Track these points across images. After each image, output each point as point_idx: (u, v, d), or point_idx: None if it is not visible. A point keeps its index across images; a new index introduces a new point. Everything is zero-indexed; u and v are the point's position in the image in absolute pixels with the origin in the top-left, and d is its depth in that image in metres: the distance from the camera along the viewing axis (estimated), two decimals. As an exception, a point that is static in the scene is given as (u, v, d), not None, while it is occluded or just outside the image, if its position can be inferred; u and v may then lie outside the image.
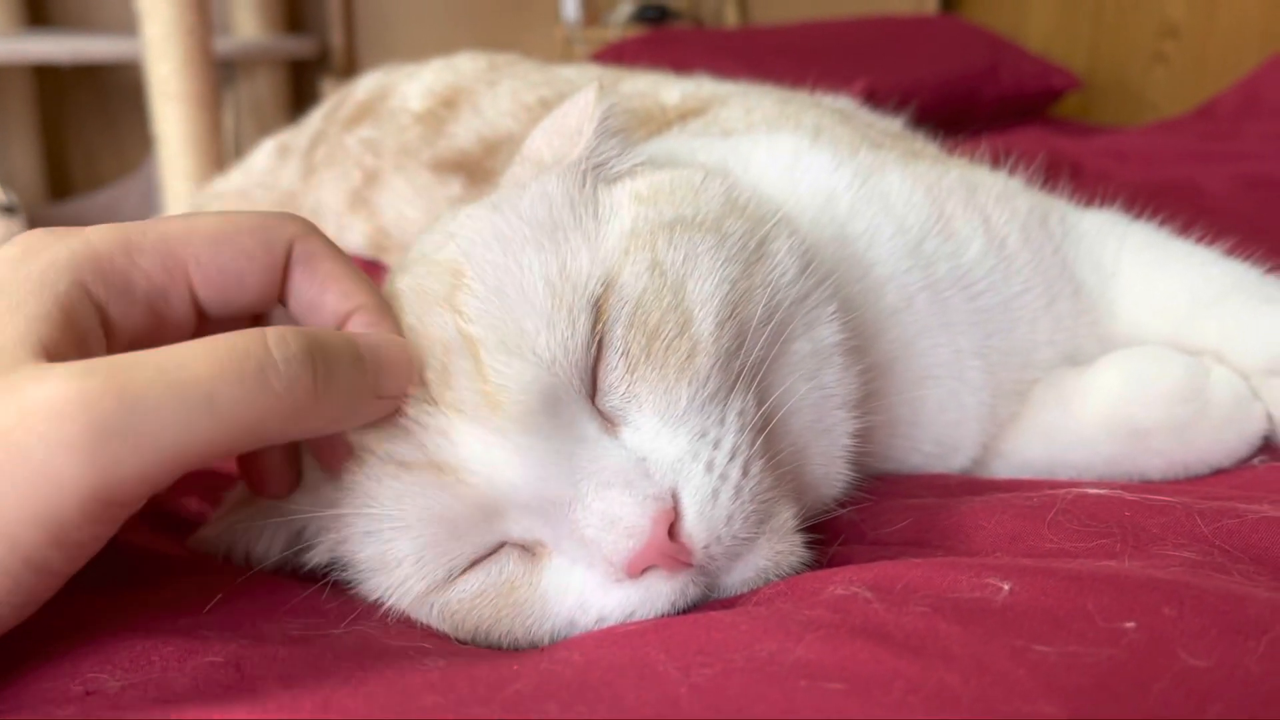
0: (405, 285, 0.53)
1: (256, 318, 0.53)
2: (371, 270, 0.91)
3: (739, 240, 0.54)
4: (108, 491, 0.37)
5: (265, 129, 2.07)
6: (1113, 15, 2.81)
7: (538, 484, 0.46)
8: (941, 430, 0.66)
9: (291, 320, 0.52)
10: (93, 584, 0.49)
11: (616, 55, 2.36)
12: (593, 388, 0.49)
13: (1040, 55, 2.57)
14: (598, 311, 0.49)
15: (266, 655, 0.43)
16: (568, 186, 0.54)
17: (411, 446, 0.48)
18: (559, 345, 0.48)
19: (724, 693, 0.38)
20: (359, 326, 0.49)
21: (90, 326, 0.44)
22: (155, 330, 0.48)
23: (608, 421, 0.49)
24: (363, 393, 0.46)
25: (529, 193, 0.54)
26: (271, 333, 0.42)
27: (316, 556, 0.53)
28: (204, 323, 0.49)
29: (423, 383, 0.48)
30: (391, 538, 0.49)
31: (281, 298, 0.50)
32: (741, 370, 0.51)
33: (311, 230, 0.50)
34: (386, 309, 0.51)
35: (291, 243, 0.49)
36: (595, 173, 0.56)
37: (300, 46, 3.08)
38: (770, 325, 0.52)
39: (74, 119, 3.02)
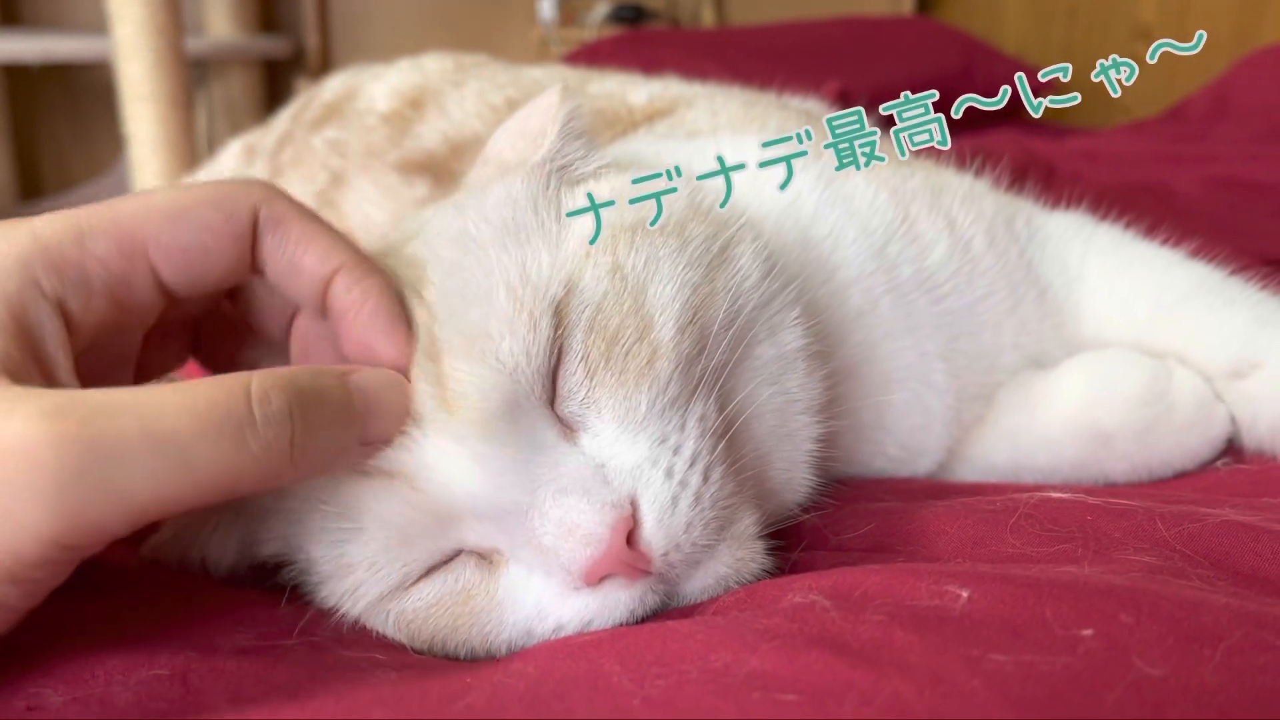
0: None
1: (230, 291, 0.52)
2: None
3: (701, 244, 0.53)
4: (69, 538, 0.36)
5: (239, 129, 2.05)
6: (1086, 17, 2.83)
7: (494, 492, 0.46)
8: (906, 434, 0.66)
9: (268, 290, 0.51)
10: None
11: (591, 55, 2.36)
12: (552, 393, 0.48)
13: (1014, 57, 2.59)
14: (558, 316, 0.49)
15: (214, 668, 0.42)
16: (531, 188, 0.53)
17: None
18: (521, 351, 0.47)
19: (677, 705, 0.37)
20: (342, 288, 0.48)
21: (47, 326, 0.42)
22: (120, 318, 0.46)
23: (567, 427, 0.48)
24: (345, 445, 0.44)
25: (493, 194, 0.53)
26: (256, 386, 0.40)
27: (270, 547, 0.52)
28: (171, 303, 0.48)
29: None
30: (345, 539, 0.48)
31: (255, 267, 0.49)
32: (703, 375, 0.50)
33: (275, 193, 0.48)
34: (369, 264, 0.49)
35: (255, 209, 0.47)
36: (559, 175, 0.56)
37: (274, 46, 3.06)
38: (732, 330, 0.52)
39: (44, 119, 2.99)
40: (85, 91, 2.93)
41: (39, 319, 0.42)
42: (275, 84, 3.10)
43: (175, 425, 0.37)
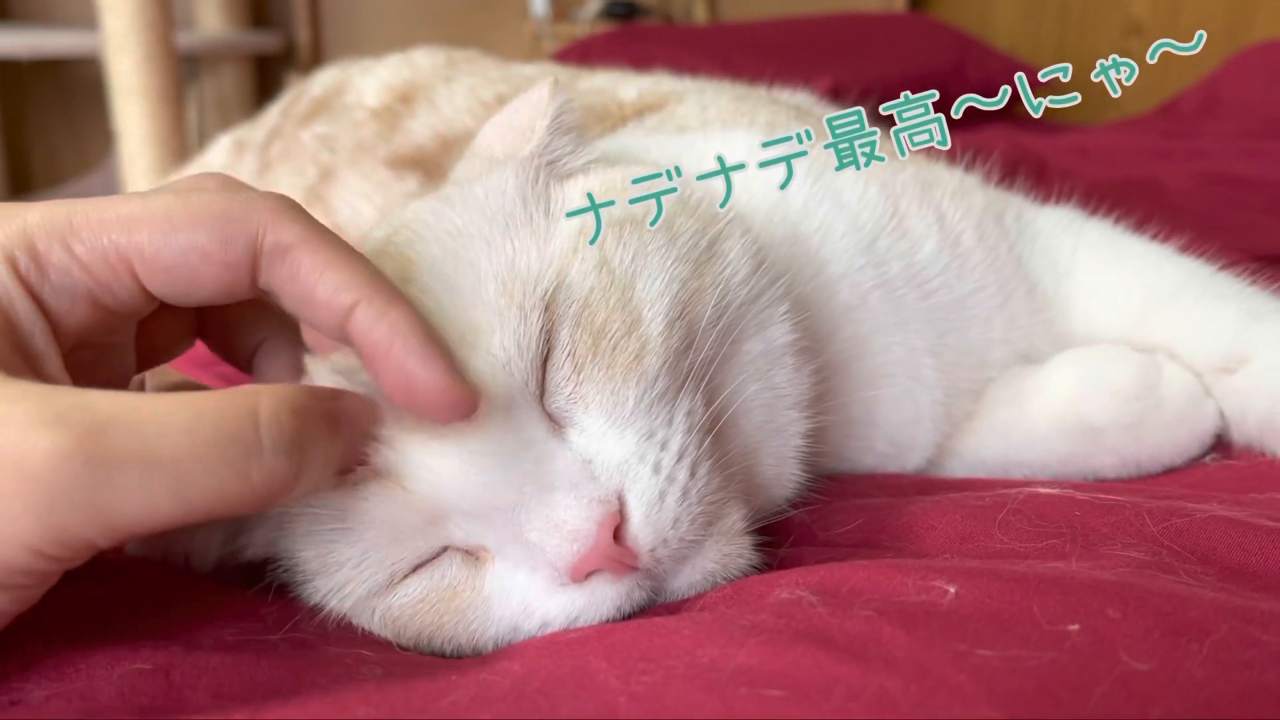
0: None
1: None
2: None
3: (689, 239, 0.53)
4: (52, 549, 0.36)
5: (230, 124, 2.04)
6: (1078, 13, 2.83)
7: (483, 489, 0.45)
8: (896, 430, 0.66)
9: (232, 323, 0.50)
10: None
11: (584, 51, 2.36)
12: (540, 388, 0.48)
13: (1007, 53, 2.59)
14: (547, 310, 0.48)
15: (198, 664, 0.42)
16: (519, 182, 0.53)
17: None
18: (514, 344, 0.47)
19: (662, 701, 0.37)
20: (366, 324, 0.43)
21: (33, 322, 0.42)
22: (104, 321, 0.44)
23: (554, 423, 0.48)
24: (333, 465, 0.43)
25: (479, 187, 0.53)
26: (265, 411, 0.38)
27: (254, 549, 0.52)
28: (163, 306, 0.45)
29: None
30: (332, 539, 0.48)
31: (258, 289, 0.45)
32: (690, 370, 0.50)
33: (284, 214, 0.44)
34: (390, 293, 0.44)
35: (256, 236, 0.43)
36: (548, 169, 0.55)
37: (265, 42, 3.05)
38: (720, 325, 0.52)
39: (34, 114, 2.97)
40: (75, 86, 2.92)
41: (25, 314, 0.42)
42: (266, 79, 3.09)
43: (176, 449, 0.36)
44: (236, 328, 0.52)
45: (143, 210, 0.43)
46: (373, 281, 0.44)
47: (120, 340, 0.49)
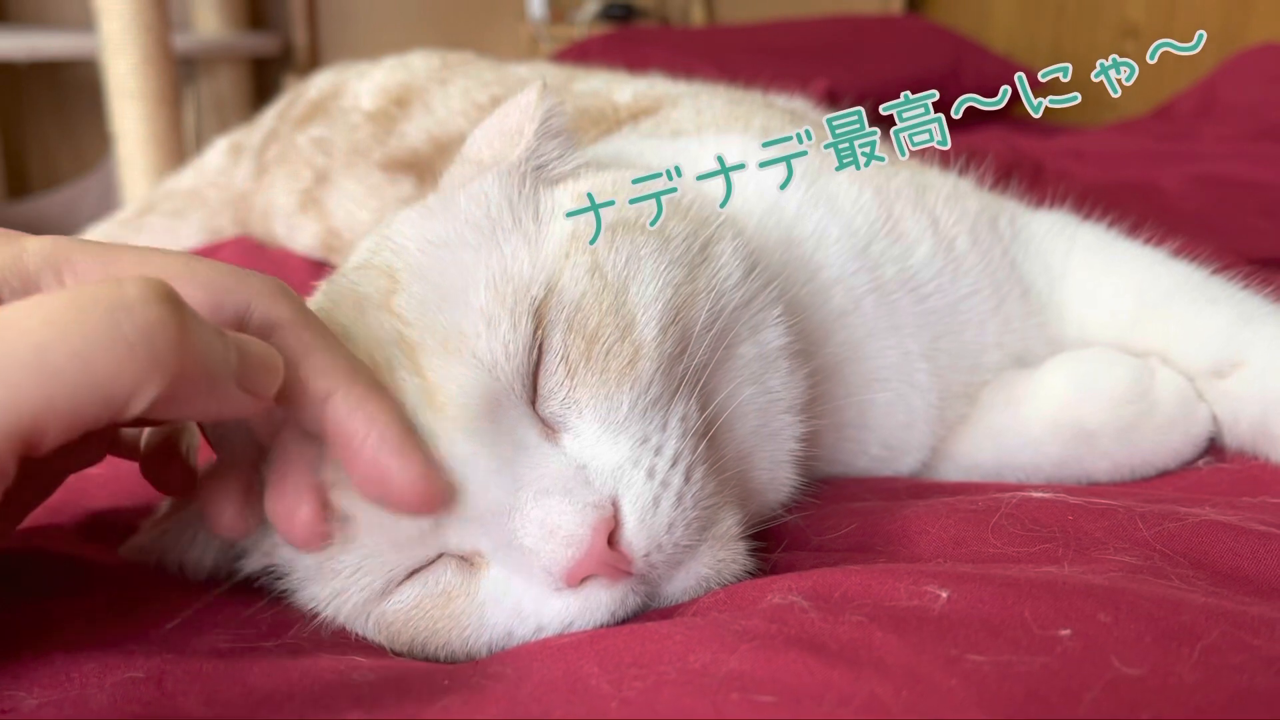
0: (341, 290, 0.51)
1: None
2: (321, 271, 0.90)
3: (682, 243, 0.53)
4: None
5: (227, 126, 2.04)
6: (1074, 16, 2.83)
7: (478, 492, 0.45)
8: (890, 433, 0.66)
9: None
10: (18, 595, 0.48)
11: (581, 53, 2.36)
12: (533, 393, 0.48)
13: (1003, 55, 2.59)
14: (538, 316, 0.48)
15: (190, 671, 0.42)
16: (506, 188, 0.53)
17: None
18: (500, 348, 0.47)
19: (653, 706, 0.37)
20: (343, 413, 0.42)
21: None
22: None
23: (548, 428, 0.48)
24: (227, 371, 0.38)
25: (466, 194, 0.53)
26: (129, 279, 0.35)
27: (250, 564, 0.52)
28: None
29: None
30: (330, 546, 0.48)
31: None
32: (685, 375, 0.50)
33: (276, 293, 0.43)
34: (370, 384, 0.44)
35: (248, 309, 0.42)
36: (535, 174, 0.55)
37: (262, 44, 3.05)
38: (714, 329, 0.52)
39: (31, 117, 2.97)
40: (72, 89, 2.92)
41: None
42: (264, 81, 3.09)
43: (27, 325, 0.33)
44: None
45: (142, 261, 0.41)
46: (353, 371, 0.43)
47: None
